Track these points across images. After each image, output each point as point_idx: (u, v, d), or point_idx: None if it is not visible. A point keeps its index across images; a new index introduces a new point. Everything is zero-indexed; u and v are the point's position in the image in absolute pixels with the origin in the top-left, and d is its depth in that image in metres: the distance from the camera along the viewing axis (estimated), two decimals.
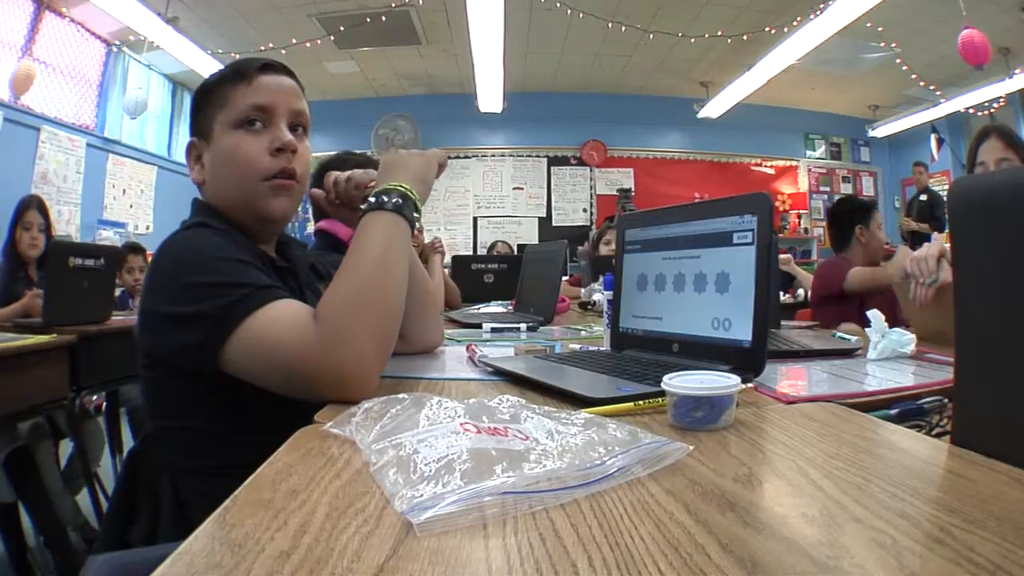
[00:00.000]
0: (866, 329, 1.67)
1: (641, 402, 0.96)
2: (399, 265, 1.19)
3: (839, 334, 2.06)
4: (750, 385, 1.11)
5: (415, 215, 1.26)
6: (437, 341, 1.71)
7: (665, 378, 0.90)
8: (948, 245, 1.93)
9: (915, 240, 8.40)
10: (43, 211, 4.04)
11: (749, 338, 1.17)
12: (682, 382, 0.88)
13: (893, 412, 1.12)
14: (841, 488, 0.64)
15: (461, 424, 0.72)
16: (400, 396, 0.87)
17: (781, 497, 0.64)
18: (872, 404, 1.13)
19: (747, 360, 1.17)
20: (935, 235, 3.59)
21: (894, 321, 1.71)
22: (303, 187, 1.45)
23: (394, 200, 1.23)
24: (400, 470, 0.62)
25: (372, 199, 1.24)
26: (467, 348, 1.63)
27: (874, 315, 1.64)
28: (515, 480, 0.59)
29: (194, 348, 1.10)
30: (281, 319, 1.10)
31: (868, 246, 3.63)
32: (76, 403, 2.96)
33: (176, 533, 1.25)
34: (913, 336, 1.61)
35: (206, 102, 1.40)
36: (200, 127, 1.41)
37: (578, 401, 1.02)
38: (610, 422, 0.77)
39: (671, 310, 1.37)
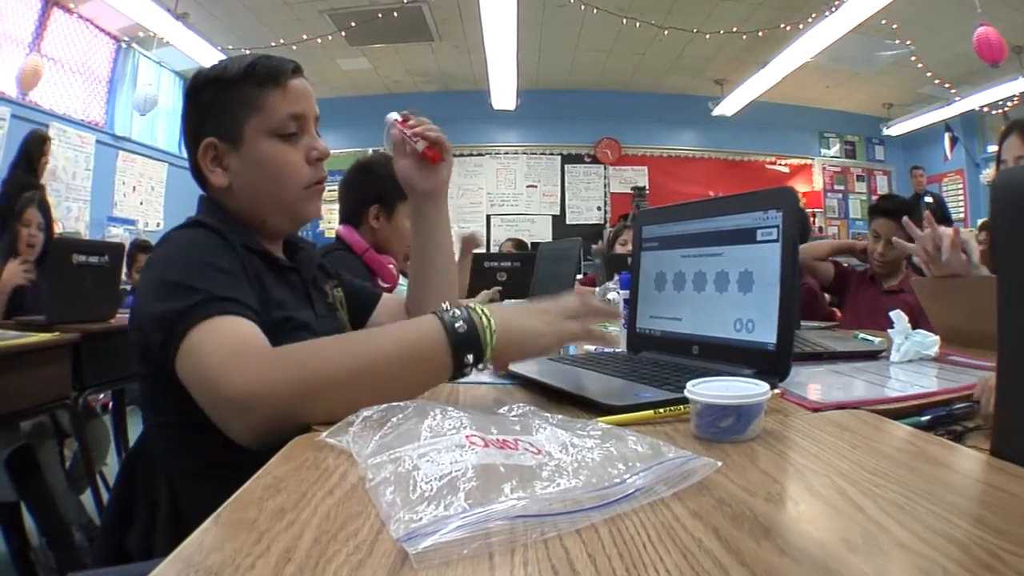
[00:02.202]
0: (889, 331, 1.61)
1: (661, 410, 0.90)
2: (398, 386, 0.94)
3: (861, 335, 2.00)
4: (776, 391, 1.05)
5: (467, 361, 0.99)
6: None
7: (689, 385, 0.83)
8: (962, 235, 1.87)
9: None
10: (44, 209, 3.98)
11: (773, 340, 1.11)
12: (707, 389, 0.81)
13: (924, 419, 1.07)
14: (882, 508, 0.59)
15: (467, 436, 0.65)
16: (402, 404, 0.80)
17: (819, 520, 0.58)
18: (902, 411, 1.07)
19: (771, 363, 1.11)
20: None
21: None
22: None
23: (458, 325, 0.99)
24: (398, 489, 0.56)
25: (445, 305, 1.03)
26: None
27: (897, 316, 1.59)
28: (526, 503, 0.53)
29: (159, 349, 1.07)
30: (220, 334, 1.04)
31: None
32: (79, 402, 2.91)
33: (172, 540, 1.19)
34: (937, 338, 1.57)
35: (230, 101, 1.33)
36: (223, 129, 1.33)
37: (594, 408, 0.97)
38: (630, 434, 0.70)
39: (691, 310, 1.31)
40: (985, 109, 9.27)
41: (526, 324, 1.04)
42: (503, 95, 9.42)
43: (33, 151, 5.23)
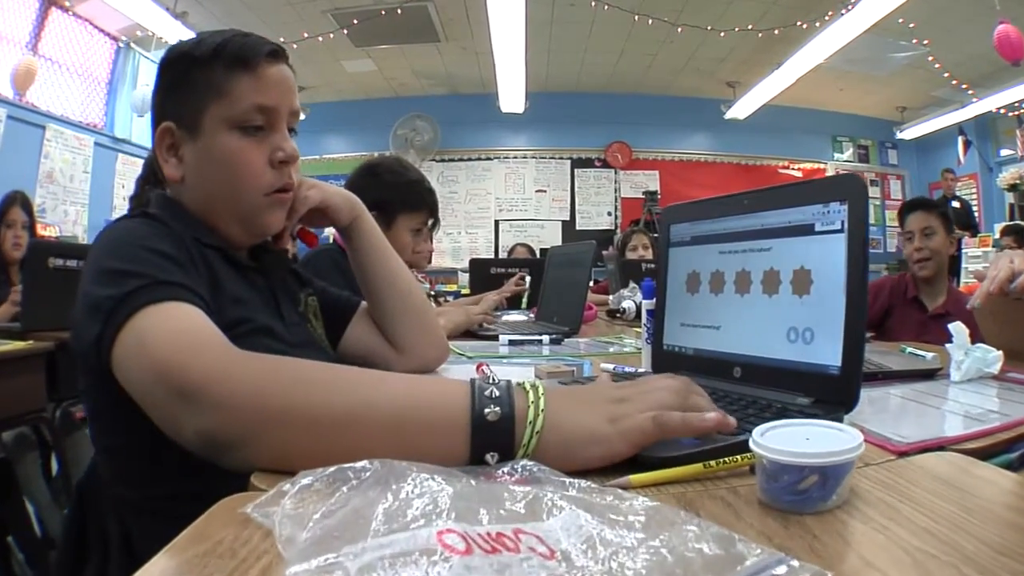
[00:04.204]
0: (947, 345, 1.41)
1: (713, 462, 0.67)
2: (384, 455, 0.62)
3: (909, 349, 1.79)
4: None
5: (489, 461, 0.70)
6: (440, 355, 1.47)
7: (755, 434, 0.61)
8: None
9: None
10: (27, 208, 3.84)
11: (838, 361, 0.89)
12: (778, 441, 0.59)
13: (1014, 456, 0.87)
14: None
15: (438, 533, 0.42)
16: (358, 465, 0.56)
17: None
18: (991, 448, 0.87)
19: (835, 391, 0.89)
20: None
21: None
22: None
23: (488, 411, 0.71)
24: None
25: (490, 375, 0.82)
26: (477, 368, 1.35)
27: (957, 329, 1.38)
28: None
29: (93, 344, 0.90)
30: (170, 321, 0.88)
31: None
32: (56, 414, 2.75)
33: None
34: (999, 353, 1.36)
35: (194, 82, 1.14)
36: (182, 112, 1.15)
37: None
38: (688, 520, 0.47)
39: (732, 318, 1.08)
40: (1001, 111, 9.09)
41: (585, 422, 0.73)
42: (511, 98, 9.27)
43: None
